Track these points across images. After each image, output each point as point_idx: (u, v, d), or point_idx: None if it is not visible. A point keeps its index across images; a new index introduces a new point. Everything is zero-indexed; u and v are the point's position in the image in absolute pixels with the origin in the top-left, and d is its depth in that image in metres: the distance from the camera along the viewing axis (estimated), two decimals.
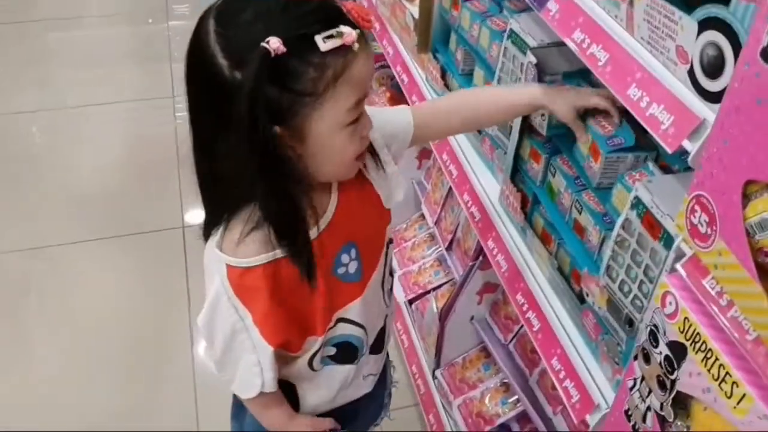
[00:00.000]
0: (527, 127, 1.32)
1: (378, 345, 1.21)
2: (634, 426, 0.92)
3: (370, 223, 1.09)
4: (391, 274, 1.22)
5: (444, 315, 1.64)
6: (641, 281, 0.98)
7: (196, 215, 2.45)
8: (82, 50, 3.82)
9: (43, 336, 2.31)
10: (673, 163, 1.08)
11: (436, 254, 1.99)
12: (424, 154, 2.15)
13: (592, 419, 1.10)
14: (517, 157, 1.36)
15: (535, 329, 1.25)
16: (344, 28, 0.86)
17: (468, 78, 1.65)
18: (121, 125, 3.25)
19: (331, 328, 1.09)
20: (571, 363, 1.16)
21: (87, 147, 3.14)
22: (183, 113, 0.95)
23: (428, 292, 1.89)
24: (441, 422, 1.75)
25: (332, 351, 1.13)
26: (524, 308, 1.28)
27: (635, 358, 0.90)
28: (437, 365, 1.76)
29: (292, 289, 1.00)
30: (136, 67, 3.66)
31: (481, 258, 1.54)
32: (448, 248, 1.83)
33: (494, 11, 1.53)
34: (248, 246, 0.97)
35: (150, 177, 2.90)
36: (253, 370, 1.04)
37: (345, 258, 1.06)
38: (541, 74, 1.25)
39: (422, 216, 2.13)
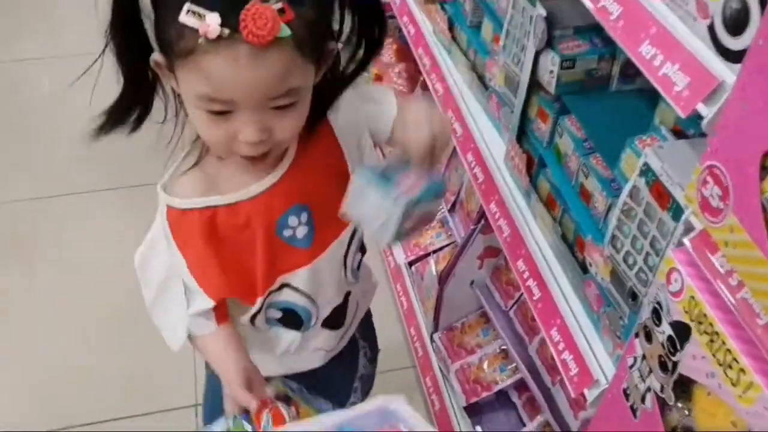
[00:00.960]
0: (535, 84, 1.25)
1: (334, 321, 1.16)
2: (632, 406, 0.88)
3: (332, 191, 1.00)
4: (362, 251, 1.16)
5: (443, 279, 1.59)
6: (647, 253, 0.92)
7: None
8: None
9: (48, 286, 2.28)
10: (688, 128, 1.00)
11: (439, 215, 1.92)
12: None
13: (590, 394, 1.05)
14: (524, 116, 1.30)
15: (535, 298, 1.19)
16: (211, 17, 0.75)
17: (476, 30, 1.57)
18: None
19: (275, 291, 1.05)
20: (570, 335, 1.11)
21: (95, 95, 3.08)
22: None
23: (429, 254, 1.84)
24: (438, 385, 1.71)
25: (278, 314, 1.10)
26: (525, 276, 1.22)
27: (636, 335, 0.85)
28: (435, 329, 1.71)
29: (228, 240, 0.97)
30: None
31: (483, 221, 1.48)
32: (451, 210, 1.77)
33: None
34: (185, 184, 0.97)
35: (158, 126, 2.84)
36: (180, 322, 1.01)
37: (293, 220, 1.01)
38: (551, 28, 1.17)
39: None
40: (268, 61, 0.79)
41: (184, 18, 0.77)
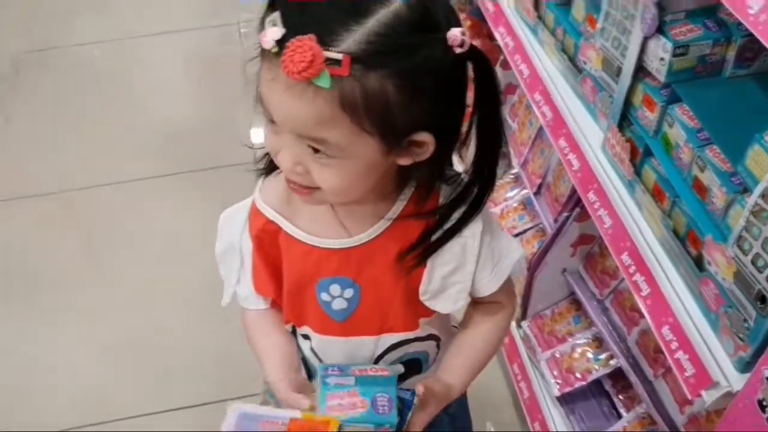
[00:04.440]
0: (639, 70, 1.20)
1: None
2: None
3: (392, 291, 0.97)
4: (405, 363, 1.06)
5: (534, 266, 1.55)
6: None
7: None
8: None
9: (118, 274, 2.33)
10: None
11: (520, 197, 1.88)
12: (509, 89, 2.01)
13: (708, 396, 1.02)
14: (626, 103, 1.24)
15: (643, 294, 1.16)
16: (273, 31, 0.73)
17: (565, 10, 1.51)
18: (189, 52, 3.21)
19: (299, 332, 1.06)
20: (685, 334, 1.07)
21: (157, 77, 3.10)
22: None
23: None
24: (526, 372, 1.69)
25: (305, 349, 1.10)
26: (631, 270, 1.19)
27: None
28: (523, 316, 1.69)
29: (278, 256, 0.98)
30: None
31: (578, 209, 1.44)
32: (536, 193, 1.72)
33: None
34: (269, 188, 0.98)
35: (220, 108, 2.86)
36: (230, 286, 1.04)
37: (335, 289, 0.97)
38: (662, 12, 1.11)
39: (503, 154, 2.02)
40: (300, 99, 0.75)
41: (266, 19, 0.76)
